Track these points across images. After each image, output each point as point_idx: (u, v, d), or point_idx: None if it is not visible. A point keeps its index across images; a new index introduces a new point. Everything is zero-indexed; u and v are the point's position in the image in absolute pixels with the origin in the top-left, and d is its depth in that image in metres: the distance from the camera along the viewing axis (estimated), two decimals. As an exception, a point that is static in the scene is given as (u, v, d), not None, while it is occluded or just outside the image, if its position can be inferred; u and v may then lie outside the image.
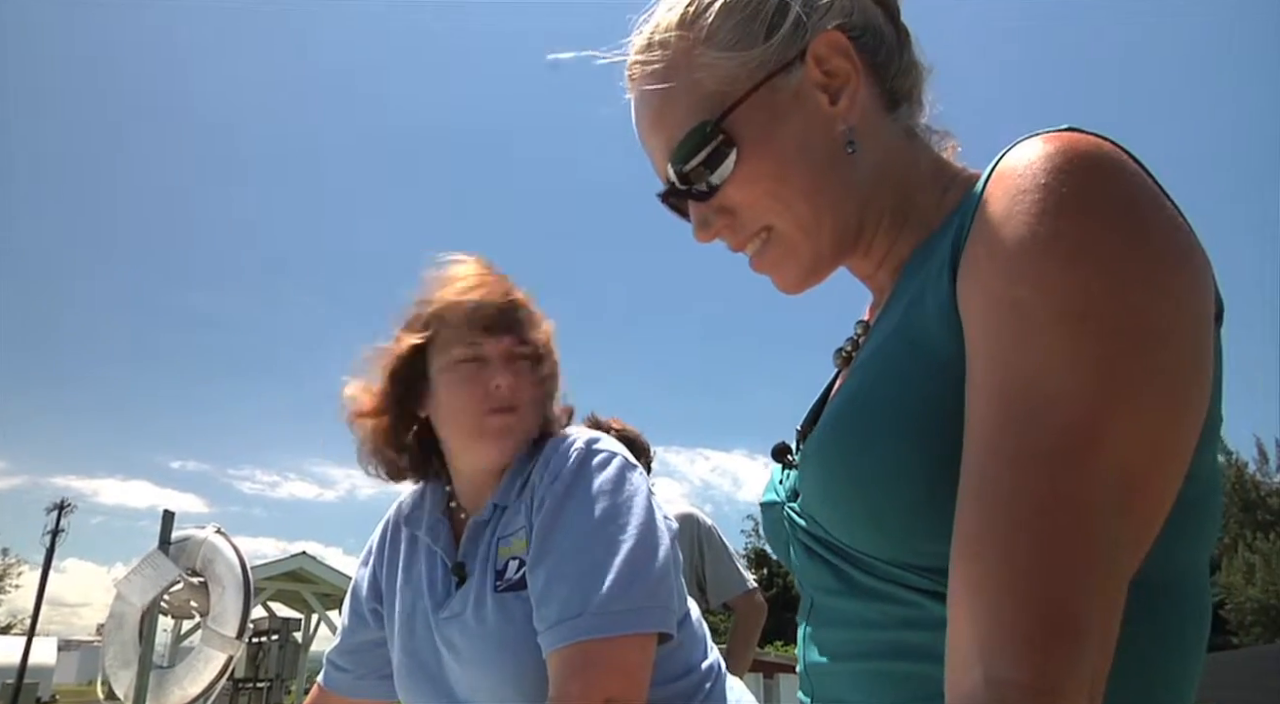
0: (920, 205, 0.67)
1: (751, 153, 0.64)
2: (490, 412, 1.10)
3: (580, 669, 0.92)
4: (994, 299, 0.50)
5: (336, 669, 1.28)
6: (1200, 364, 0.49)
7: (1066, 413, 0.46)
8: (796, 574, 0.69)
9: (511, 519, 1.10)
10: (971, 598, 0.45)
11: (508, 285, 1.16)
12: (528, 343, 1.14)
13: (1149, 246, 0.48)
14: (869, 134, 0.66)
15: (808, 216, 0.65)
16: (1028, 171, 0.50)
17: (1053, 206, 0.48)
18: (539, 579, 1.00)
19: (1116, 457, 0.45)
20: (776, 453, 0.75)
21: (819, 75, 0.64)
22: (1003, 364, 0.48)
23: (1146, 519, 0.48)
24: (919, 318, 0.57)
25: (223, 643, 4.23)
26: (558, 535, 1.01)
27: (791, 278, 0.69)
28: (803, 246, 0.67)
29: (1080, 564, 0.43)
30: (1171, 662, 0.52)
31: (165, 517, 4.45)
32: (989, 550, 0.45)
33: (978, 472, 0.48)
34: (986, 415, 0.49)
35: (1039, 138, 0.52)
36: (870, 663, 0.59)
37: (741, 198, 0.66)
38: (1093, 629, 0.43)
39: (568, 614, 0.94)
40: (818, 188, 0.65)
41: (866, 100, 0.66)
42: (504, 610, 1.03)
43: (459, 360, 1.12)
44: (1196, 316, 0.49)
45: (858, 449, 0.57)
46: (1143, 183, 0.50)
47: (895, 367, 0.57)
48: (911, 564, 0.56)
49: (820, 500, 0.62)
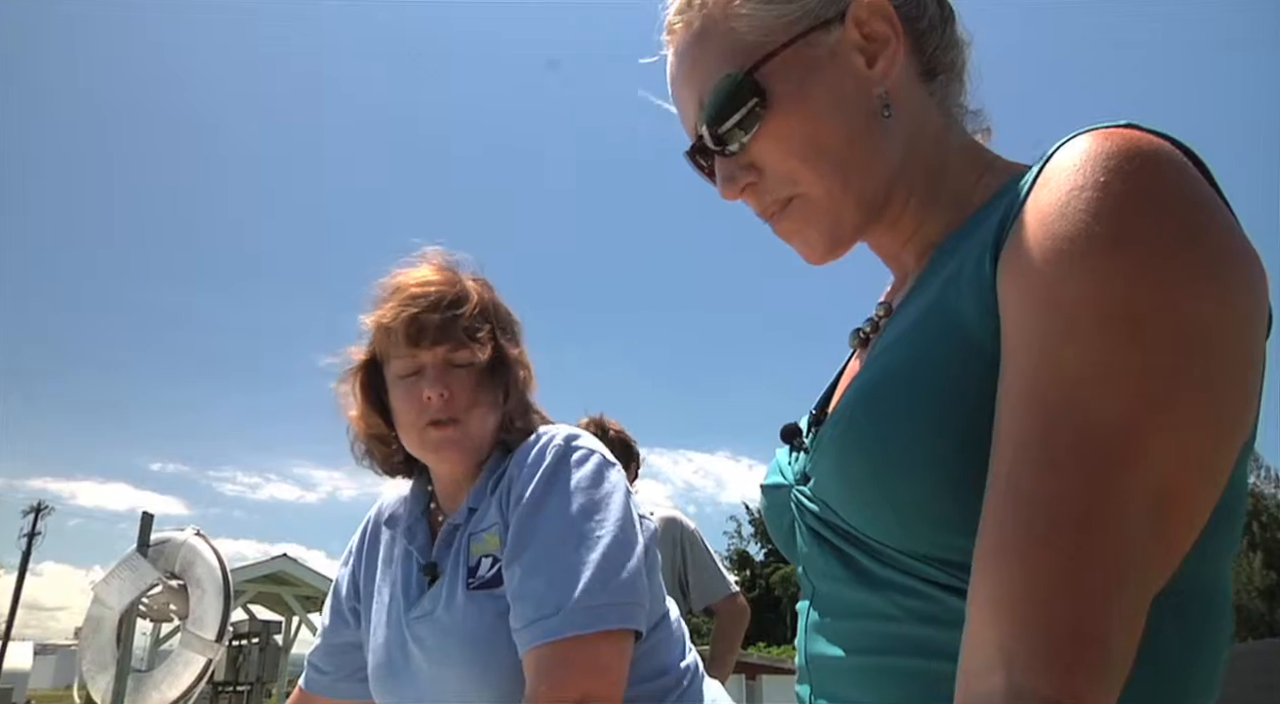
0: (952, 184, 0.65)
1: (782, 107, 0.63)
2: (427, 425, 1.10)
3: (556, 667, 0.92)
4: (1039, 293, 0.48)
5: (316, 671, 1.28)
6: (1248, 379, 0.47)
7: (1105, 419, 0.44)
8: (800, 561, 0.67)
9: (483, 515, 1.10)
10: (994, 603, 0.44)
11: (455, 288, 1.13)
12: (466, 349, 1.11)
13: (1204, 254, 0.46)
14: (904, 102, 0.65)
15: (835, 180, 0.64)
16: (1084, 167, 0.49)
17: (1109, 206, 0.47)
18: (514, 576, 0.99)
19: (1154, 470, 0.44)
20: (786, 434, 0.72)
21: (858, 37, 0.63)
22: (1042, 363, 0.47)
23: (1179, 535, 0.46)
24: (954, 302, 0.55)
25: (202, 646, 4.19)
26: (534, 531, 1.00)
27: (816, 245, 0.68)
28: (829, 212, 0.65)
29: (1110, 579, 0.42)
30: (1201, 668, 0.51)
31: (144, 519, 4.41)
32: (1015, 556, 0.44)
33: (1007, 473, 0.46)
34: (1020, 415, 0.47)
35: (1097, 133, 0.50)
36: (881, 658, 0.57)
37: (770, 155, 0.64)
38: (1117, 645, 0.42)
39: (543, 612, 0.94)
40: (848, 150, 0.63)
41: (904, 68, 0.65)
42: (476, 608, 1.03)
43: (399, 375, 1.13)
44: (1248, 329, 0.47)
45: (882, 434, 0.55)
46: (1201, 188, 0.48)
47: (925, 351, 0.56)
48: (931, 557, 0.54)
49: (836, 486, 0.60)
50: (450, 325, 1.10)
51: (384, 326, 1.12)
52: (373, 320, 1.14)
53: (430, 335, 1.09)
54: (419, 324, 1.09)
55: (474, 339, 1.11)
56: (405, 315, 1.09)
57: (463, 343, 1.10)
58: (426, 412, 1.09)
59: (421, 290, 1.11)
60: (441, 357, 1.10)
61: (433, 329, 1.09)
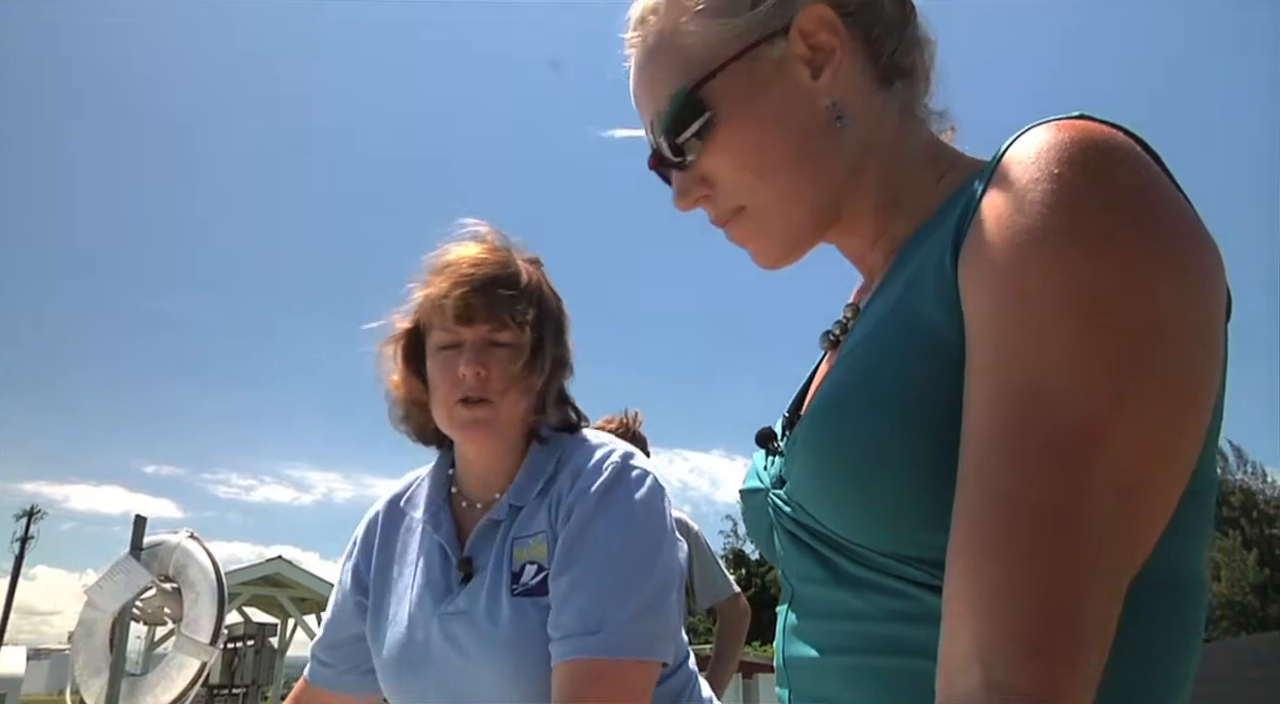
0: (914, 186, 0.66)
1: (728, 121, 0.64)
2: (458, 401, 1.09)
3: (589, 684, 0.93)
4: (1000, 287, 0.48)
5: (321, 663, 1.25)
6: (1210, 363, 0.48)
7: (1071, 411, 0.44)
8: (779, 563, 0.67)
9: (529, 521, 1.09)
10: (969, 599, 0.44)
11: (508, 269, 1.13)
12: (509, 330, 1.10)
13: (1162, 242, 0.47)
14: (857, 110, 0.65)
15: (785, 189, 0.66)
16: (1039, 159, 0.49)
17: (1065, 197, 0.47)
18: (561, 586, 1.00)
19: (1121, 458, 0.44)
20: (761, 438, 0.73)
21: (803, 48, 0.64)
22: (1006, 356, 0.47)
23: (1149, 521, 0.46)
24: (917, 301, 0.55)
25: (196, 649, 4.17)
26: (586, 547, 1.01)
27: (768, 251, 0.69)
28: (779, 220, 0.67)
29: (1082, 568, 0.42)
30: (1176, 656, 0.52)
31: (137, 522, 4.39)
32: (988, 550, 0.44)
33: (976, 467, 0.47)
34: (987, 409, 0.47)
35: (1051, 125, 0.51)
36: (859, 657, 0.57)
37: (719, 167, 0.66)
38: (1092, 635, 0.42)
39: (586, 628, 0.95)
40: (795, 160, 0.65)
41: (854, 76, 0.66)
42: (520, 615, 1.02)
43: (438, 346, 1.12)
44: (1209, 315, 0.48)
45: (851, 435, 0.56)
46: (1156, 176, 0.49)
47: (890, 350, 0.56)
48: (907, 555, 0.54)
49: (810, 488, 0.60)
50: (497, 304, 1.09)
51: (432, 299, 1.11)
52: (422, 292, 1.14)
53: (476, 314, 1.09)
54: (466, 302, 1.08)
55: (518, 321, 1.10)
56: (456, 293, 1.09)
57: (506, 323, 1.10)
58: (460, 387, 1.08)
59: (474, 268, 1.11)
60: (483, 335, 1.10)
61: (480, 308, 1.09)
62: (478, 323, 1.09)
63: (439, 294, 1.10)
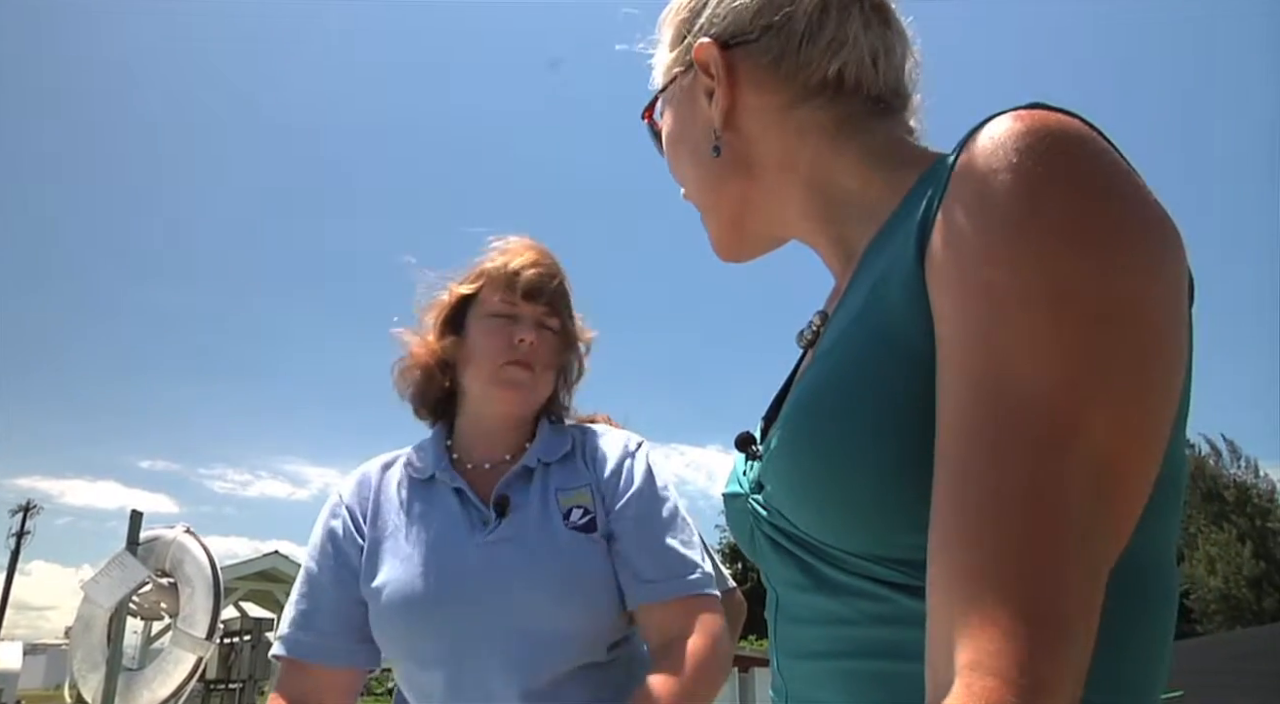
0: (859, 192, 0.66)
1: (664, 138, 0.78)
2: (509, 362, 1.21)
3: (700, 610, 1.15)
4: (966, 281, 0.48)
5: (318, 633, 1.19)
6: (1177, 346, 0.48)
7: (1043, 399, 0.44)
8: (762, 568, 0.68)
9: (568, 475, 1.24)
10: (950, 592, 0.44)
11: (561, 272, 1.30)
12: (559, 318, 1.27)
13: (1124, 226, 0.47)
14: (757, 132, 0.70)
15: (697, 197, 0.76)
16: (998, 150, 0.49)
17: (1025, 186, 0.47)
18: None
19: (1096, 443, 0.44)
20: (740, 443, 0.74)
21: (706, 79, 0.71)
22: (975, 348, 0.47)
23: (1126, 506, 0.47)
24: (885, 301, 0.55)
25: (193, 644, 4.18)
26: (650, 506, 1.20)
27: (714, 244, 0.78)
28: (709, 221, 0.77)
29: (1062, 556, 0.42)
30: (1147, 643, 0.52)
31: (133, 517, 4.39)
32: (967, 542, 0.44)
33: (951, 461, 0.47)
34: (959, 402, 0.47)
35: (1007, 116, 0.51)
36: (842, 661, 0.58)
37: (671, 171, 0.79)
38: (1076, 622, 0.42)
39: (686, 572, 1.16)
40: (696, 175, 0.75)
41: (748, 101, 0.69)
42: (576, 543, 1.16)
43: (492, 313, 1.24)
44: (1173, 297, 0.48)
45: (822, 440, 0.56)
46: (1114, 162, 0.49)
47: (859, 353, 0.56)
48: (883, 557, 0.55)
49: (786, 493, 0.61)
50: (557, 293, 1.27)
51: (503, 271, 1.24)
52: (491, 265, 1.27)
53: (540, 294, 1.24)
54: (537, 281, 1.24)
55: (565, 314, 1.29)
56: (530, 271, 1.24)
57: (558, 312, 1.28)
58: (512, 351, 1.22)
59: (543, 257, 1.28)
60: (539, 315, 1.26)
61: (545, 290, 1.25)
62: (538, 303, 1.25)
63: (513, 268, 1.24)
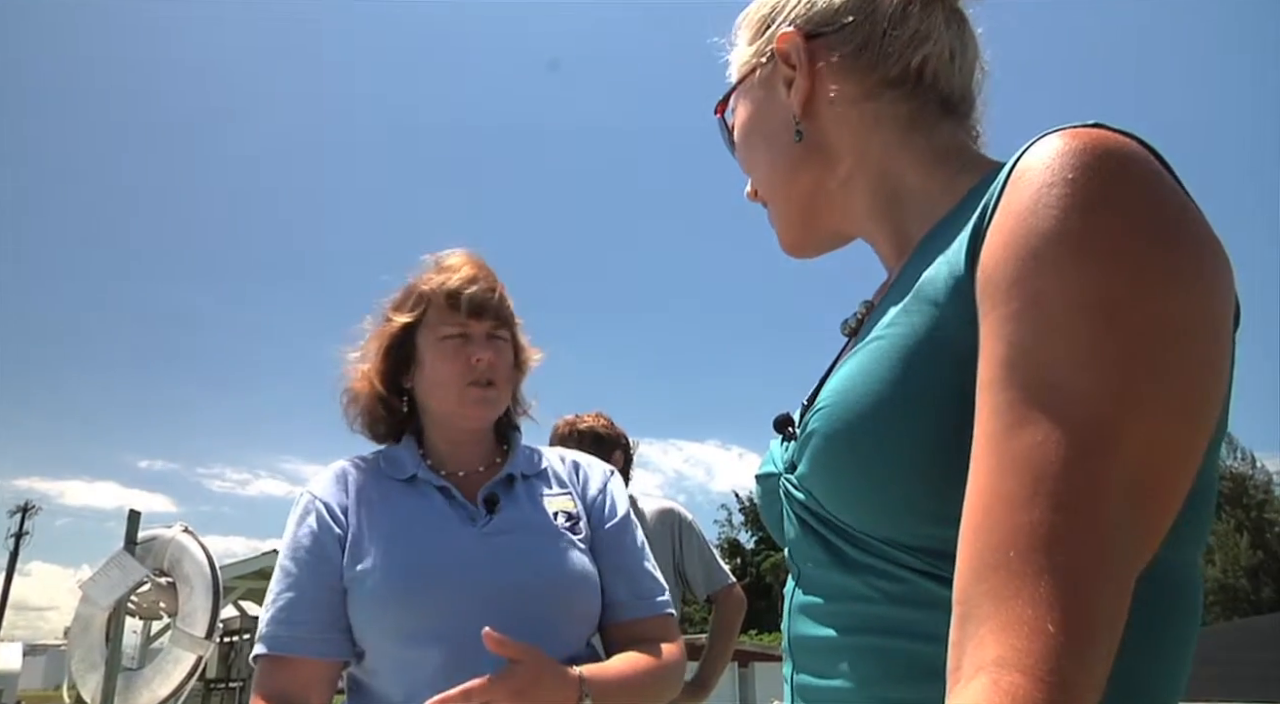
0: (920, 188, 0.69)
1: (737, 130, 0.80)
2: (470, 384, 1.24)
3: (674, 629, 1.30)
4: (1014, 289, 0.49)
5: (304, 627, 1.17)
6: (1218, 367, 0.49)
7: (1084, 410, 0.45)
8: (788, 546, 0.70)
9: (551, 481, 1.33)
10: (979, 586, 0.45)
11: (497, 282, 1.32)
12: (507, 329, 1.30)
13: (1175, 247, 0.48)
14: (831, 123, 0.71)
15: (768, 188, 0.78)
16: (1054, 165, 0.50)
17: (1079, 203, 0.48)
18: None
19: (1134, 454, 0.45)
20: (778, 424, 0.75)
21: (786, 69, 0.73)
22: (1020, 355, 0.48)
23: (1157, 520, 0.47)
24: (929, 299, 0.57)
25: (192, 643, 4.18)
26: (628, 532, 1.32)
27: (780, 237, 0.80)
28: (778, 212, 0.79)
29: (1093, 560, 0.43)
30: (1168, 652, 0.53)
31: (131, 516, 4.39)
32: (1001, 539, 0.45)
33: (989, 457, 0.48)
34: (999, 407, 0.48)
35: (1065, 132, 0.52)
36: (856, 637, 0.60)
37: (741, 161, 0.81)
38: (1102, 628, 0.43)
39: (663, 592, 1.30)
40: (769, 163, 0.76)
41: (828, 90, 0.71)
42: (570, 539, 1.25)
43: (444, 336, 1.25)
44: (1218, 319, 0.49)
45: (858, 428, 0.58)
46: (1169, 184, 0.50)
47: (901, 345, 0.57)
48: (906, 544, 0.56)
49: (817, 475, 0.63)
50: (500, 306, 1.29)
51: (442, 291, 1.25)
52: (428, 287, 1.27)
53: (485, 310, 1.26)
54: (479, 299, 1.26)
55: (509, 323, 1.32)
56: (471, 289, 1.25)
57: (505, 323, 1.30)
58: (473, 371, 1.24)
59: (476, 272, 1.29)
60: (489, 330, 1.28)
61: (489, 305, 1.27)
62: (485, 318, 1.26)
63: (453, 288, 1.25)
